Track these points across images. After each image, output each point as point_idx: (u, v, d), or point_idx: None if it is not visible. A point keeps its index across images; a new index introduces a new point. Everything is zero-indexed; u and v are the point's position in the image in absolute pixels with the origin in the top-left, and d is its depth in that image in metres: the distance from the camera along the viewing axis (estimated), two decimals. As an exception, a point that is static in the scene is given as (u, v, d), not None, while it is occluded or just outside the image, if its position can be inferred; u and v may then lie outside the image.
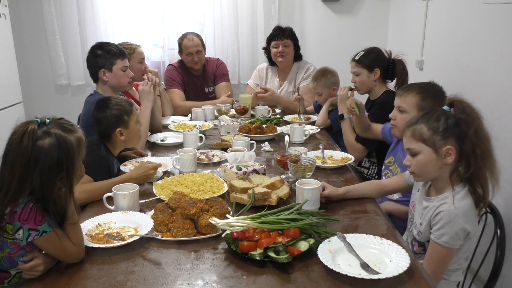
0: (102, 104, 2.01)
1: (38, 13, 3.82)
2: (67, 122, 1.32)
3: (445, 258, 1.45)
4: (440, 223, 1.43)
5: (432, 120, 1.47)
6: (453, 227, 1.41)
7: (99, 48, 2.41)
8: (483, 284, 1.68)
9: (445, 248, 1.43)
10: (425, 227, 1.51)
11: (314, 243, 1.31)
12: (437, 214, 1.45)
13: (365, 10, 4.03)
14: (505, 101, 2.24)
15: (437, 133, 1.45)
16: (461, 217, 1.41)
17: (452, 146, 1.45)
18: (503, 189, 2.23)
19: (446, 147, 1.45)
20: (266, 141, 2.44)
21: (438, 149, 1.46)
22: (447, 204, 1.44)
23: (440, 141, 1.45)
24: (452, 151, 1.45)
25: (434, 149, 1.46)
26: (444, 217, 1.42)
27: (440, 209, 1.45)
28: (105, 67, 2.38)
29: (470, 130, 1.43)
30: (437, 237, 1.43)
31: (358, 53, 2.47)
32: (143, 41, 3.85)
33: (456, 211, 1.41)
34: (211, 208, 1.49)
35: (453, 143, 1.45)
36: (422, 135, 1.48)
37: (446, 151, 1.45)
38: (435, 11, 3.09)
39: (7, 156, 1.22)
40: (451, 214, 1.41)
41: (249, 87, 3.49)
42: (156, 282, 1.19)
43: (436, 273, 1.46)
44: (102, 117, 1.96)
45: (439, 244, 1.43)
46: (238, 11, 3.92)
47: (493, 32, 2.35)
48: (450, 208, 1.42)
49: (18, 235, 1.21)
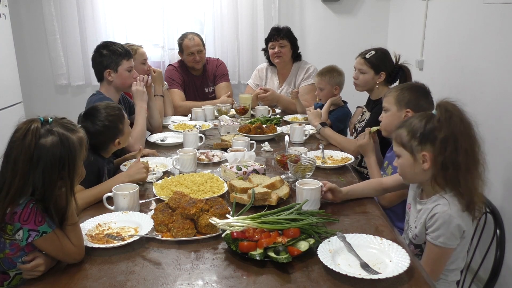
0: (93, 115, 1.90)
1: (38, 13, 3.82)
2: (69, 121, 1.32)
3: (443, 258, 1.46)
4: (436, 224, 1.43)
5: (413, 124, 1.48)
6: (448, 227, 1.41)
7: (105, 48, 2.41)
8: (483, 284, 1.68)
9: (442, 249, 1.43)
10: (420, 229, 1.51)
11: (314, 243, 1.31)
12: (432, 216, 1.45)
13: (365, 10, 4.03)
14: (505, 101, 2.24)
15: (414, 138, 1.46)
16: (456, 217, 1.41)
17: (428, 152, 1.44)
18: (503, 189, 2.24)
19: (422, 153, 1.45)
20: (266, 141, 2.44)
21: (416, 154, 1.46)
22: (441, 206, 1.44)
23: (416, 146, 1.46)
24: (427, 157, 1.44)
25: (412, 154, 1.47)
26: (439, 219, 1.42)
27: (435, 211, 1.44)
28: (111, 67, 2.38)
29: (448, 136, 1.41)
30: (434, 238, 1.44)
31: (369, 51, 2.43)
32: (143, 41, 3.84)
33: (450, 211, 1.41)
34: (211, 208, 1.49)
35: (430, 149, 1.44)
36: (402, 139, 1.50)
37: (422, 156, 1.45)
38: (435, 11, 3.09)
39: (10, 153, 1.22)
40: (446, 215, 1.41)
41: (249, 87, 3.49)
42: (156, 282, 1.19)
43: (434, 272, 1.46)
44: (98, 133, 1.87)
45: (436, 245, 1.43)
46: (238, 11, 3.92)
47: (493, 32, 2.35)
48: (444, 209, 1.42)
49: (18, 235, 1.21)
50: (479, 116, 2.61)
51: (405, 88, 1.91)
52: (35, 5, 3.81)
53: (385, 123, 1.96)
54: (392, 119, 1.88)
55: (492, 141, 2.35)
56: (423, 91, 1.90)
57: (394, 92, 1.91)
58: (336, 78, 2.82)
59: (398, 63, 2.41)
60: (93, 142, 1.90)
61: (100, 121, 1.89)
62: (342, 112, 2.82)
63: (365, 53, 2.44)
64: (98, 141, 1.91)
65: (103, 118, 1.90)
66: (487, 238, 1.76)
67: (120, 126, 1.94)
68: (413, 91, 1.88)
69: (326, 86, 2.82)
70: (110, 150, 1.98)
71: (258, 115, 2.98)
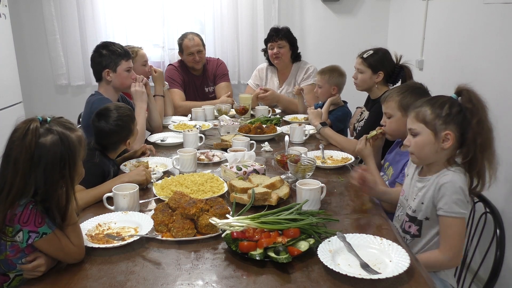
0: (106, 117, 1.92)
1: (38, 13, 3.82)
2: (67, 121, 1.33)
3: (461, 229, 1.48)
4: (448, 194, 1.46)
5: (437, 105, 1.52)
6: (460, 194, 1.45)
7: (104, 48, 2.41)
8: (483, 284, 1.68)
9: (458, 219, 1.46)
10: (426, 204, 1.53)
11: (314, 243, 1.31)
12: (440, 187, 1.48)
13: (365, 10, 4.03)
14: (505, 101, 2.24)
15: (439, 117, 1.50)
16: (462, 186, 1.46)
17: (452, 132, 1.48)
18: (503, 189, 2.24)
19: (446, 132, 1.48)
20: (266, 141, 2.44)
21: (438, 132, 1.50)
22: (449, 176, 1.48)
23: (441, 125, 1.49)
24: (451, 136, 1.48)
25: (434, 132, 1.50)
26: (449, 187, 1.46)
27: (443, 181, 1.48)
28: (110, 67, 2.39)
29: (474, 120, 1.47)
30: (448, 210, 1.46)
31: (367, 51, 2.45)
32: (143, 41, 3.86)
33: (459, 179, 1.47)
34: (211, 208, 1.49)
35: (453, 129, 1.48)
36: (425, 118, 1.52)
37: (445, 135, 1.49)
38: (435, 11, 3.09)
39: (10, 153, 1.22)
40: (455, 183, 1.46)
41: (249, 87, 3.49)
42: (156, 282, 1.19)
43: (457, 247, 1.48)
44: (112, 132, 1.90)
45: (452, 216, 1.45)
46: (238, 11, 3.92)
47: (493, 32, 2.35)
48: (454, 179, 1.47)
49: (18, 237, 1.21)
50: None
51: (406, 92, 1.92)
52: (35, 5, 3.81)
53: (392, 129, 1.96)
54: (399, 125, 1.89)
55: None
56: (423, 92, 1.91)
57: (396, 97, 1.92)
58: (336, 79, 2.82)
59: (399, 63, 2.42)
60: (104, 142, 1.93)
61: (114, 121, 1.92)
62: (342, 112, 2.82)
63: (363, 53, 2.47)
64: (110, 141, 1.94)
65: (117, 118, 1.93)
66: (487, 238, 1.75)
67: (132, 127, 1.99)
68: (414, 94, 1.89)
69: (325, 84, 2.83)
70: (119, 150, 2.00)
71: (258, 115, 2.98)
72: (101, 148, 1.94)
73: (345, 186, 1.86)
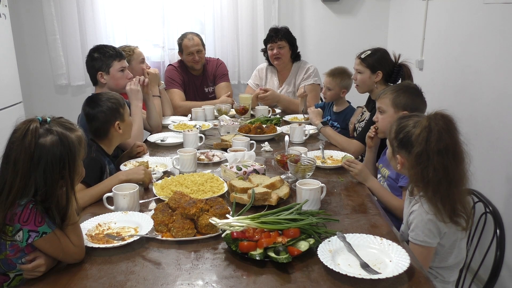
0: (94, 99, 1.99)
1: (38, 13, 3.82)
2: (67, 121, 1.33)
3: (425, 257, 1.47)
4: (414, 222, 1.48)
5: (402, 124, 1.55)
6: (425, 225, 1.44)
7: (95, 51, 2.43)
8: (483, 284, 1.68)
9: (421, 247, 1.46)
10: (404, 226, 1.57)
11: (314, 243, 1.31)
12: (411, 214, 1.50)
13: (365, 10, 4.03)
14: (505, 101, 2.24)
15: (396, 138, 1.55)
16: (431, 217, 1.44)
17: (402, 157, 1.54)
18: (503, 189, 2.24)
19: (398, 155, 1.55)
20: (266, 141, 2.44)
21: (394, 152, 1.58)
22: (419, 204, 1.48)
23: (396, 147, 1.56)
24: (399, 161, 1.55)
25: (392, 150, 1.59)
26: (417, 216, 1.47)
27: (413, 209, 1.50)
28: (102, 69, 2.40)
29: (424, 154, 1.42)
30: (413, 237, 1.47)
31: (365, 51, 2.46)
32: (143, 41, 3.86)
33: (422, 209, 1.45)
34: (211, 208, 1.49)
35: (404, 155, 1.53)
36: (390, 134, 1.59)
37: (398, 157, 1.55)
38: (435, 11, 3.09)
39: (10, 154, 1.22)
40: (423, 212, 1.45)
41: (249, 87, 3.49)
42: (156, 282, 1.19)
43: None
44: (99, 112, 1.94)
45: (416, 244, 1.46)
46: (238, 11, 3.92)
47: (493, 32, 2.35)
48: (420, 208, 1.46)
49: (18, 236, 1.21)
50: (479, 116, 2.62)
51: (400, 91, 1.96)
52: (35, 5, 3.81)
53: (382, 125, 2.01)
54: (390, 121, 1.88)
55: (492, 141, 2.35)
56: (417, 93, 1.97)
57: (390, 95, 1.97)
58: (346, 81, 2.84)
59: (398, 62, 2.42)
60: (94, 126, 1.95)
61: (102, 102, 1.96)
62: (351, 110, 2.87)
63: (361, 53, 2.48)
64: (99, 123, 1.94)
65: (105, 99, 1.97)
66: (487, 238, 1.75)
67: (121, 110, 1.99)
68: (408, 94, 1.94)
69: (335, 87, 2.84)
70: (112, 138, 1.98)
71: (258, 115, 2.98)
72: (94, 137, 1.96)
73: (345, 186, 1.86)
